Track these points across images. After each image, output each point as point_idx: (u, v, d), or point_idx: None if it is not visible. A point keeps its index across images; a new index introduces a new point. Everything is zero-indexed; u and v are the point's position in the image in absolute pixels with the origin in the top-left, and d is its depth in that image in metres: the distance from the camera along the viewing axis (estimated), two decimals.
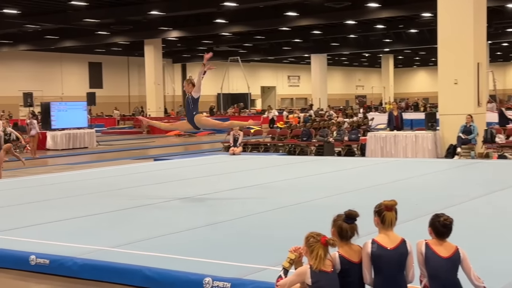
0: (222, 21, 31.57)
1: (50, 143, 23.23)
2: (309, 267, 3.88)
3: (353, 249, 4.05)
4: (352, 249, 4.05)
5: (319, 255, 3.85)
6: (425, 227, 4.26)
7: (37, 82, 43.08)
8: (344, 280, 4.00)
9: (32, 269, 6.22)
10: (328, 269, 3.89)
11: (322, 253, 3.86)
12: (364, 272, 4.02)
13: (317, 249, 3.86)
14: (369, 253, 4.00)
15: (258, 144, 20.41)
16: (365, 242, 4.07)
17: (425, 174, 12.40)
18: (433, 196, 9.45)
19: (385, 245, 4.02)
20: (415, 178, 11.88)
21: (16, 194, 10.74)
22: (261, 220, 7.94)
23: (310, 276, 3.84)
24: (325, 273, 3.86)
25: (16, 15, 28.67)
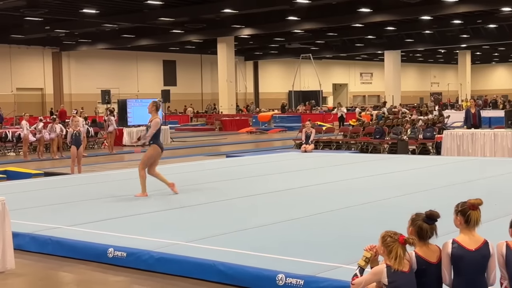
0: (294, 18, 31.52)
1: (126, 139, 23.84)
2: (386, 266, 3.81)
3: (431, 249, 3.95)
4: (430, 249, 3.95)
5: (398, 254, 3.78)
6: (505, 228, 4.12)
7: (114, 80, 44.31)
8: (420, 280, 3.91)
9: (109, 262, 6.40)
10: (405, 268, 3.81)
11: (401, 253, 3.79)
12: (443, 273, 3.91)
13: (395, 249, 3.79)
14: (449, 253, 3.90)
15: (330, 141, 20.26)
16: (445, 242, 3.96)
17: (505, 174, 11.97)
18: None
19: (467, 246, 3.90)
20: (494, 177, 11.49)
21: (95, 189, 11.08)
22: (334, 218, 7.88)
23: (387, 276, 3.77)
24: (402, 272, 3.79)
25: (95, 14, 29.59)
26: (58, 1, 25.96)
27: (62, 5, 27.65)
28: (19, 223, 7.32)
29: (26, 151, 19.07)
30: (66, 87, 44.41)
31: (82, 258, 6.60)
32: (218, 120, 34.72)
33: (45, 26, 33.58)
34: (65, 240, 6.86)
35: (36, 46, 41.80)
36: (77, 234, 7.05)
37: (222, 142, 26.21)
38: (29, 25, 34.46)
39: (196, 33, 36.42)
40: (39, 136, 19.46)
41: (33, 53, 42.50)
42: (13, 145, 21.02)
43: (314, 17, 31.05)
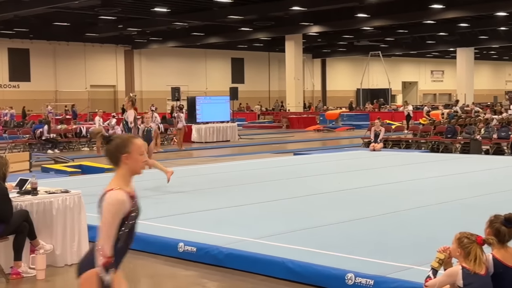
0: (363, 15, 31.15)
1: (195, 136, 24.17)
2: (461, 268, 3.72)
3: (509, 252, 3.83)
4: (508, 252, 3.82)
5: (477, 256, 3.68)
6: None
7: (183, 77, 45.03)
8: (497, 284, 3.80)
9: (179, 256, 6.51)
10: (482, 271, 3.71)
11: (480, 254, 3.69)
12: None
13: (474, 250, 3.69)
14: None
15: (399, 140, 19.91)
16: None
17: None
18: None
19: None
20: None
21: (164, 184, 11.28)
22: (404, 218, 7.75)
23: (462, 278, 3.68)
24: (479, 275, 3.69)
25: (165, 13, 30.15)
26: (131, 0, 26.59)
27: (134, 4, 28.30)
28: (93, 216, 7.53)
29: (99, 146, 19.62)
30: (137, 84, 45.46)
31: (153, 252, 6.74)
32: (285, 118, 34.73)
33: (118, 25, 34.47)
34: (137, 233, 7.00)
35: (109, 44, 42.98)
36: (148, 228, 7.19)
37: (289, 139, 26.19)
38: (103, 24, 35.46)
39: (264, 30, 36.53)
40: (112, 132, 19.99)
41: (106, 51, 43.71)
42: (87, 140, 21.70)
43: (383, 14, 30.56)
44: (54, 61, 41.51)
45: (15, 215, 5.86)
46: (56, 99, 39.51)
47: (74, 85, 41.12)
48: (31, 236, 5.97)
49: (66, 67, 41.74)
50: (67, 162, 15.45)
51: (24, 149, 19.08)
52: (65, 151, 20.43)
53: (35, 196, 6.17)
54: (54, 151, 19.78)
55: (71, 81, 41.60)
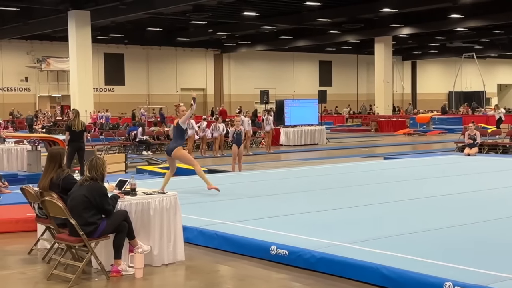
0: (457, 16, 30.27)
1: (283, 139, 24.25)
2: None
3: None
4: None
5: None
6: None
7: (271, 80, 45.32)
8: None
9: (272, 259, 6.54)
10: None
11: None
12: None
13: None
14: None
15: (496, 145, 19.16)
16: None
17: None
18: None
19: None
20: None
21: (256, 186, 11.38)
22: (504, 226, 7.45)
23: None
24: None
25: (254, 17, 30.48)
26: (221, 5, 27.06)
27: (224, 8, 28.79)
28: (187, 217, 7.71)
29: (190, 149, 20.06)
30: (226, 88, 46.18)
31: (246, 254, 6.80)
32: (374, 121, 34.24)
33: (208, 29, 35.20)
34: (230, 235, 7.11)
35: (199, 48, 43.92)
36: (241, 230, 7.28)
37: (378, 143, 25.78)
38: (194, 29, 36.30)
39: (353, 33, 36.21)
40: (202, 135, 20.39)
41: (197, 55, 44.68)
42: None
43: (479, 14, 29.57)
44: (147, 65, 42.88)
45: (115, 214, 6.09)
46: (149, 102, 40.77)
47: (165, 89, 42.30)
48: (130, 235, 6.17)
49: (158, 71, 42.99)
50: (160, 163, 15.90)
51: (119, 151, 19.79)
52: (157, 153, 21.02)
53: (134, 196, 6.38)
54: (147, 153, 20.41)
55: (163, 84, 42.82)
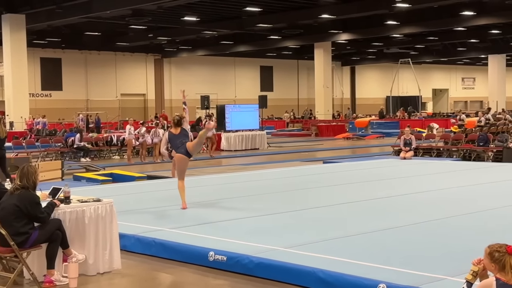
0: (393, 23, 31.00)
1: (224, 144, 24.25)
2: (496, 280, 3.65)
3: None
4: None
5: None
6: None
7: (212, 86, 45.29)
8: None
9: (210, 265, 6.51)
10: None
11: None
12: None
13: (508, 261, 3.62)
14: None
15: (430, 148, 19.70)
16: None
17: None
18: None
19: None
20: None
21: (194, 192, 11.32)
22: (437, 228, 7.64)
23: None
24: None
25: (195, 22, 30.41)
26: (161, 9, 26.87)
27: (164, 13, 28.59)
28: (124, 225, 7.60)
29: (130, 155, 19.81)
30: (167, 93, 45.84)
31: (184, 261, 6.75)
32: (315, 126, 34.65)
33: (148, 34, 34.88)
34: (168, 242, 7.05)
35: (139, 53, 43.47)
36: (179, 237, 7.23)
37: (318, 147, 26.12)
38: (134, 33, 35.91)
39: (293, 38, 36.57)
40: (142, 141, 20.16)
41: (137, 60, 44.20)
42: (117, 148, 21.92)
43: (414, 21, 30.38)
44: (85, 70, 42.11)
45: (48, 224, 5.93)
46: (88, 107, 40.04)
47: (105, 94, 41.65)
48: (64, 245, 6.03)
49: (97, 76, 42.29)
50: (98, 170, 15.62)
51: (56, 158, 19.35)
52: (96, 160, 20.66)
53: (68, 205, 6.24)
54: (86, 160, 20.03)
55: (102, 89, 42.14)
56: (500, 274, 3.67)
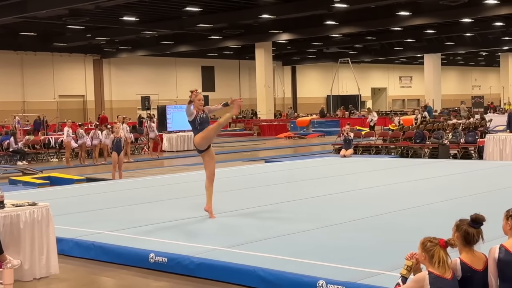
0: (332, 23, 31.40)
1: (166, 145, 24.06)
2: (428, 273, 3.75)
3: (476, 256, 3.87)
4: (476, 256, 3.87)
5: (441, 258, 3.70)
6: None
7: (153, 86, 44.82)
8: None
9: (151, 267, 6.47)
10: (448, 275, 3.74)
11: (444, 256, 3.71)
12: (489, 279, 3.83)
13: (437, 253, 3.72)
14: (496, 258, 3.82)
15: (370, 146, 20.09)
16: (492, 247, 3.88)
17: None
18: None
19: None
20: None
21: (136, 194, 11.21)
22: (375, 224, 7.80)
23: (429, 283, 3.70)
24: (445, 280, 3.72)
25: (134, 22, 30.00)
26: (99, 9, 26.39)
27: (103, 13, 28.10)
28: (62, 228, 7.46)
29: (68, 157, 19.42)
30: (106, 94, 45.10)
31: (124, 263, 6.68)
32: (257, 125, 34.79)
33: (86, 34, 34.21)
34: (108, 245, 6.95)
35: (77, 54, 42.60)
36: (119, 240, 7.14)
37: (260, 147, 26.24)
38: (71, 33, 35.15)
39: (234, 38, 36.59)
40: (81, 142, 19.80)
41: (75, 60, 43.30)
42: (56, 151, 21.45)
43: (352, 21, 30.85)
44: (21, 71, 40.95)
45: None
46: (24, 109, 38.95)
47: (42, 96, 40.59)
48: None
49: (34, 77, 41.20)
50: (36, 173, 15.25)
51: None
52: (34, 163, 20.16)
53: (2, 209, 6.06)
54: (23, 163, 19.49)
55: (39, 91, 41.07)
56: (430, 266, 3.76)
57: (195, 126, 8.59)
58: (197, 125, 8.56)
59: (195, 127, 8.58)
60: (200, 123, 8.55)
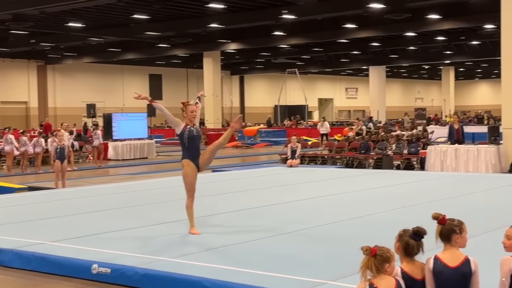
0: (280, 33, 31.69)
1: (111, 153, 23.74)
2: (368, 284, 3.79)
3: (416, 265, 3.96)
4: (416, 265, 3.96)
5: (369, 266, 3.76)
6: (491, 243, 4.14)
7: (100, 94, 44.22)
8: None
9: (94, 278, 6.34)
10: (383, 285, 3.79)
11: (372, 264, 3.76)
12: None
13: (365, 263, 3.77)
14: (431, 269, 3.92)
15: (316, 156, 20.32)
16: (428, 258, 3.98)
17: (488, 190, 12.06)
18: (496, 212, 9.18)
19: (447, 263, 3.93)
20: (477, 193, 11.58)
21: (79, 203, 11.01)
22: (320, 234, 7.88)
23: None
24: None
25: (80, 28, 29.56)
26: (44, 14, 25.90)
27: (47, 18, 27.58)
28: (2, 239, 7.25)
29: (10, 165, 18.93)
30: (50, 101, 44.21)
31: (66, 275, 6.53)
32: (204, 135, 34.68)
33: (30, 40, 33.49)
34: (49, 256, 6.79)
35: (21, 60, 41.64)
36: (61, 250, 6.99)
37: None
38: (14, 38, 34.34)
39: (182, 47, 36.47)
40: (23, 150, 19.33)
41: (18, 66, 42.31)
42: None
43: (299, 32, 31.23)
44: None
45: None
46: None
47: None
48: None
49: None
50: None
51: None
52: None
53: None
54: None
55: None
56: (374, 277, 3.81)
57: (182, 141, 7.72)
58: (184, 140, 7.70)
59: (183, 142, 7.72)
60: (189, 138, 7.69)
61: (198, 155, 7.84)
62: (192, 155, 7.81)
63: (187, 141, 7.72)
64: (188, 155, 7.80)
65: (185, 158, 7.83)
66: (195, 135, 7.75)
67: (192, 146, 7.76)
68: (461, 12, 26.68)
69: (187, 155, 7.80)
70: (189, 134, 7.72)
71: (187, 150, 7.78)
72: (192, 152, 7.81)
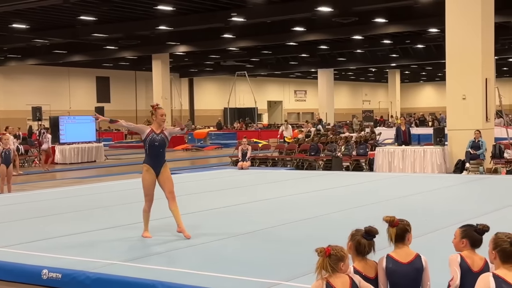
0: (229, 36, 31.73)
1: (58, 157, 23.29)
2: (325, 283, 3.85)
3: (369, 264, 4.05)
4: (368, 264, 4.04)
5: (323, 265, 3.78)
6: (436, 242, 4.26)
7: (45, 96, 43.32)
8: None
9: (44, 284, 6.22)
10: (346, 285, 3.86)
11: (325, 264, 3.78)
12: (380, 287, 4.02)
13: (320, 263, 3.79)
14: (384, 268, 4.01)
15: (266, 158, 20.42)
16: (380, 257, 4.07)
17: (434, 190, 12.38)
18: (443, 212, 9.44)
19: (400, 260, 4.03)
20: (424, 193, 11.87)
21: (26, 208, 10.78)
22: (272, 235, 7.94)
23: None
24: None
25: (24, 29, 28.90)
26: None
27: None
28: None
29: None
30: None
31: (15, 281, 6.39)
32: None
33: None
34: None
35: None
36: (9, 256, 6.83)
37: None
38: None
39: (130, 49, 36.06)
40: None
41: None
42: None
43: (249, 35, 31.33)
44: None
45: None
46: None
47: None
48: None
49: None
50: None
51: None
52: None
53: None
54: None
55: None
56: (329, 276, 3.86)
57: (145, 147, 7.65)
58: (146, 147, 7.62)
59: (145, 148, 7.64)
60: (149, 146, 7.60)
61: (160, 163, 7.80)
62: (153, 162, 7.77)
63: (148, 148, 7.70)
64: (149, 161, 7.79)
65: (145, 163, 7.82)
66: (156, 144, 7.67)
67: (153, 153, 7.72)
68: (406, 16, 27.28)
69: (147, 161, 7.79)
70: (150, 143, 7.68)
71: (148, 156, 7.78)
72: (153, 160, 7.77)
